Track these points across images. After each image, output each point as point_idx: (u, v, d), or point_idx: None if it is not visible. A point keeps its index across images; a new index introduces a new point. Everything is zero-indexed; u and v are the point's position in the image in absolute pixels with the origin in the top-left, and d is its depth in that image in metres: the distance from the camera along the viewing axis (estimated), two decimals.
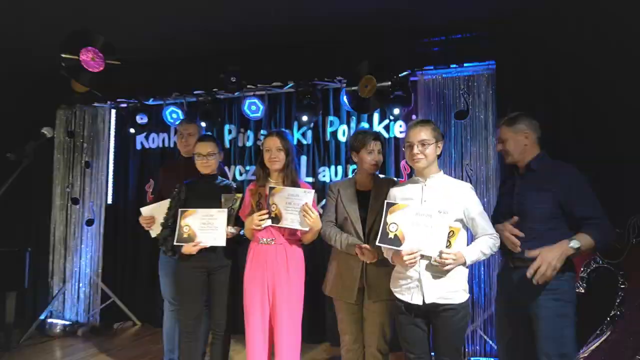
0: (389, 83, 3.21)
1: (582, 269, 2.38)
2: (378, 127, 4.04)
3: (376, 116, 4.07)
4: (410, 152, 2.07)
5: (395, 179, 2.68)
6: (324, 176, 4.20)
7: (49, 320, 4.46)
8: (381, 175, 2.57)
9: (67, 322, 4.48)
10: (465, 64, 3.46)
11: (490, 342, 3.25)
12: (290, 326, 2.41)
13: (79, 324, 4.52)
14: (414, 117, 3.77)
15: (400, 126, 3.92)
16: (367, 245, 2.26)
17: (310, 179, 4.25)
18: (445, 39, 3.49)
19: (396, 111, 3.57)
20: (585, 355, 2.30)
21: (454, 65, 3.48)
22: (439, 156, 2.67)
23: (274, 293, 2.42)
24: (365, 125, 4.10)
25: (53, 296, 4.60)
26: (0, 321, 4.17)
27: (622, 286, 2.28)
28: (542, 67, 3.19)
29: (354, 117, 4.14)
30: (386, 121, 4.00)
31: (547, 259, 1.88)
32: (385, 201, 2.09)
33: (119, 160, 4.93)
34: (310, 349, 3.89)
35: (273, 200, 2.38)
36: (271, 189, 2.40)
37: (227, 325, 2.70)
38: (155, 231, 3.04)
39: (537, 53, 3.20)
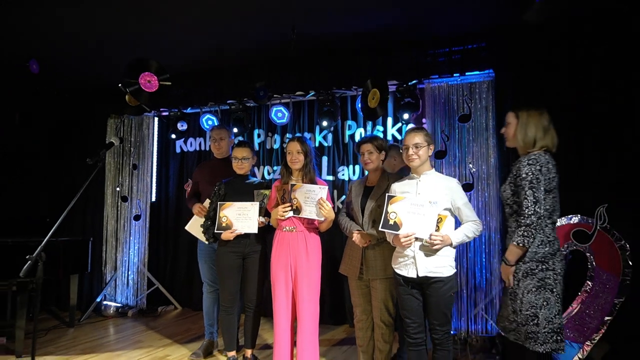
0: (388, 96, 3.72)
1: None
2: (392, 130, 4.48)
3: (390, 120, 4.51)
4: (407, 154, 2.51)
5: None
6: (343, 174, 4.67)
7: (104, 302, 5.10)
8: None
9: (119, 305, 5.11)
10: (467, 73, 3.84)
11: (491, 322, 3.64)
12: (309, 298, 2.88)
13: (129, 307, 5.14)
14: (424, 120, 4.19)
15: (422, 127, 4.33)
16: (359, 231, 2.73)
17: (330, 177, 4.72)
18: (449, 50, 3.88)
19: (405, 116, 3.98)
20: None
21: (457, 74, 3.87)
22: (441, 156, 3.15)
23: (296, 272, 2.90)
24: (380, 128, 4.55)
25: (106, 282, 5.24)
26: (65, 303, 4.86)
27: (590, 265, 2.65)
28: (535, 74, 3.53)
29: (369, 122, 4.59)
30: (399, 124, 4.43)
31: None
32: (387, 194, 2.53)
33: (161, 163, 5.54)
34: (332, 329, 4.35)
35: (294, 195, 2.86)
36: (292, 185, 2.88)
37: (257, 301, 3.20)
38: (189, 224, 3.60)
39: (531, 61, 3.55)
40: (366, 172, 2.96)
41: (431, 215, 2.39)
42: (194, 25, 3.75)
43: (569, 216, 2.79)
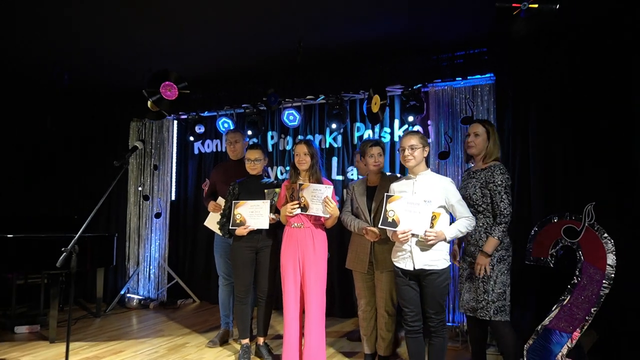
0: (388, 101, 4.01)
1: (551, 247, 2.92)
2: (398, 132, 4.67)
3: (396, 122, 4.70)
4: (403, 155, 2.71)
5: (399, 175, 3.33)
6: (352, 174, 4.88)
7: (127, 295, 5.42)
8: (388, 173, 3.23)
9: (141, 297, 5.43)
10: (469, 77, 4.01)
11: None
12: (316, 290, 3.09)
13: (151, 299, 5.46)
14: (429, 122, 4.37)
15: (418, 130, 4.52)
16: (371, 228, 2.93)
17: (340, 177, 4.94)
18: (451, 55, 4.05)
19: (410, 118, 4.18)
20: (552, 317, 2.84)
21: (459, 78, 4.04)
22: (444, 157, 3.35)
23: (304, 265, 3.13)
24: (387, 130, 4.74)
25: (129, 276, 5.57)
26: (92, 295, 5.20)
27: (579, 260, 2.80)
28: (533, 78, 3.68)
29: (377, 125, 4.79)
30: (405, 126, 4.62)
31: None
32: (385, 194, 2.73)
33: (180, 163, 5.84)
34: (341, 322, 4.57)
35: (302, 194, 3.09)
36: (300, 185, 3.11)
37: (269, 292, 3.44)
38: (207, 220, 3.87)
39: (529, 65, 3.70)
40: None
41: (426, 213, 2.58)
42: (210, 35, 4.01)
43: (561, 213, 2.95)
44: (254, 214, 3.31)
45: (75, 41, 4.14)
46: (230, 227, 3.35)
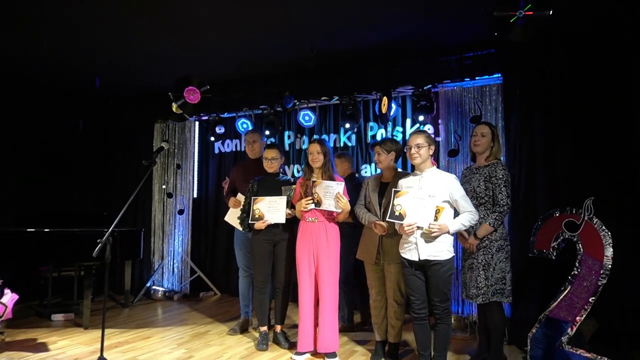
0: (400, 101, 4.21)
1: (553, 240, 3.06)
2: (410, 131, 4.84)
3: (408, 122, 4.87)
4: (410, 153, 2.90)
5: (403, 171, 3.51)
6: (365, 172, 5.07)
7: (153, 287, 5.73)
8: (401, 170, 3.42)
9: (165, 289, 5.73)
10: (477, 78, 4.15)
11: None
12: (329, 281, 3.30)
13: (174, 292, 5.75)
14: (440, 121, 4.53)
15: (429, 129, 4.68)
16: (379, 222, 3.12)
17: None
18: (460, 57, 4.19)
19: (421, 118, 4.34)
20: (553, 306, 2.98)
21: (468, 79, 4.18)
22: (454, 154, 3.55)
23: (317, 257, 3.34)
24: (399, 129, 4.92)
25: (154, 269, 5.87)
26: (120, 288, 5.53)
27: (579, 252, 2.93)
28: (539, 77, 3.80)
29: (390, 123, 4.97)
30: (417, 125, 4.78)
31: None
32: (393, 189, 2.92)
33: (202, 162, 6.12)
34: (355, 314, 4.75)
35: (315, 190, 3.30)
36: (314, 182, 3.32)
37: (286, 283, 3.66)
38: (227, 215, 4.13)
39: (535, 65, 3.82)
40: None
41: (430, 207, 2.76)
42: (229, 40, 4.25)
43: (562, 208, 3.09)
44: (272, 209, 3.53)
45: (102, 48, 4.44)
46: (249, 222, 3.59)
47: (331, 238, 3.35)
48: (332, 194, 3.24)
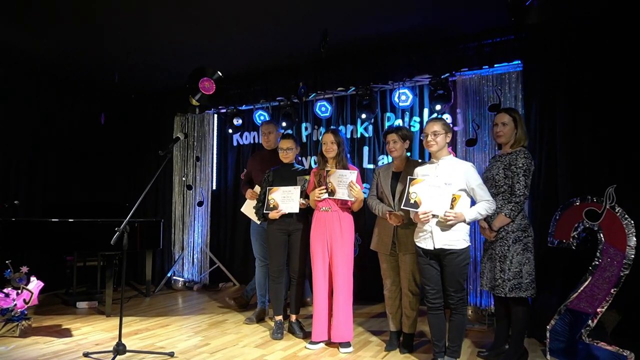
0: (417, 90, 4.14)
1: (573, 230, 2.97)
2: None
3: (426, 111, 4.80)
4: (426, 140, 2.85)
5: (420, 160, 3.46)
6: (382, 163, 5.02)
7: (173, 277, 5.84)
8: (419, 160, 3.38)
9: (185, 280, 5.83)
10: (495, 65, 4.05)
11: None
12: (343, 270, 3.29)
13: (194, 282, 5.85)
14: (458, 110, 4.45)
15: (447, 118, 4.60)
16: (394, 212, 3.09)
17: (371, 166, 5.10)
18: (478, 44, 4.10)
19: (438, 107, 4.27)
20: (573, 297, 2.90)
21: (486, 66, 4.09)
22: (472, 144, 3.50)
23: (331, 246, 3.33)
24: (416, 119, 4.85)
25: (175, 260, 5.98)
26: (142, 278, 5.65)
27: (600, 242, 2.84)
28: (560, 64, 3.68)
29: (407, 113, 4.91)
30: (434, 115, 4.70)
31: None
32: (409, 177, 2.89)
33: (220, 155, 6.18)
34: (371, 305, 4.74)
35: (329, 179, 3.29)
36: (328, 171, 3.31)
37: (301, 272, 3.67)
38: (244, 207, 4.16)
39: (556, 52, 3.71)
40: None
41: (446, 195, 2.72)
42: (245, 33, 4.28)
43: (582, 197, 2.99)
44: (286, 199, 3.54)
45: (124, 44, 4.53)
46: (264, 211, 3.61)
47: (345, 227, 3.34)
48: (346, 182, 3.23)
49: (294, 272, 3.67)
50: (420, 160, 3.50)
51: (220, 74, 3.98)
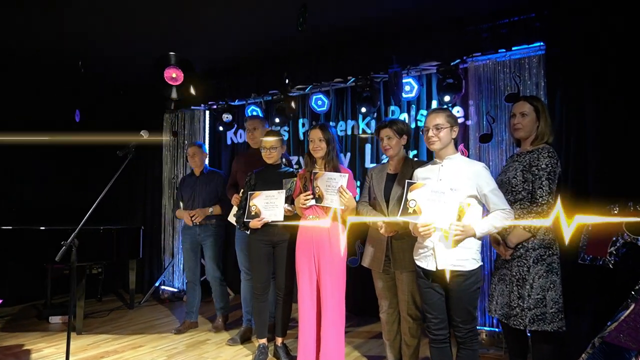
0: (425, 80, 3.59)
1: (610, 245, 2.43)
2: None
3: (434, 103, 4.26)
4: (427, 136, 2.34)
5: (425, 160, 2.93)
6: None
7: (162, 287, 5.42)
8: (416, 159, 2.85)
9: (174, 290, 5.40)
10: (513, 48, 3.50)
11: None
12: (333, 290, 2.80)
13: (184, 291, 5.40)
14: (470, 102, 3.90)
15: (458, 111, 4.06)
16: (386, 220, 2.57)
17: (374, 165, 4.58)
18: (492, 25, 3.55)
19: (447, 98, 3.74)
20: (611, 328, 2.35)
21: (503, 50, 3.54)
22: (487, 140, 2.96)
23: (319, 261, 2.84)
24: (423, 112, 4.31)
25: (164, 268, 5.56)
26: (126, 287, 5.23)
27: None
28: (592, 45, 3.12)
29: (413, 106, 4.38)
30: (444, 107, 4.16)
31: None
32: (407, 180, 2.37)
33: (214, 154, 5.71)
34: (372, 322, 4.22)
35: (316, 183, 2.80)
36: (314, 173, 2.82)
37: (287, 289, 3.20)
38: (231, 214, 3.72)
39: (586, 32, 3.14)
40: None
41: (452, 204, 2.20)
42: (234, 20, 3.82)
43: (622, 204, 2.44)
44: (269, 205, 3.08)
45: (106, 32, 4.08)
46: (244, 219, 3.14)
47: (335, 240, 2.85)
48: (335, 187, 2.73)
49: (280, 289, 3.21)
50: (424, 160, 2.98)
51: (185, 58, 3.48)
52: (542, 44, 3.39)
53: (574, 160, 3.17)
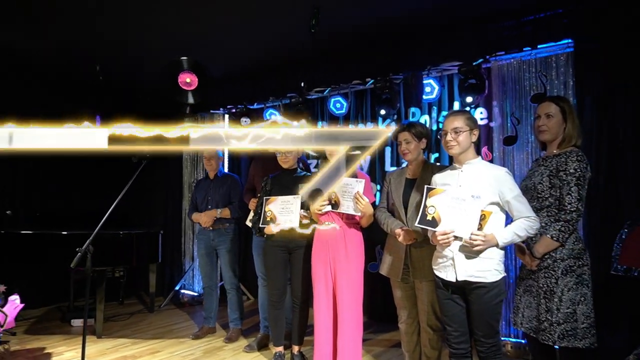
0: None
1: None
2: None
3: (456, 104, 4.12)
4: (445, 140, 2.23)
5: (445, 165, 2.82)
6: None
7: (182, 291, 5.43)
8: (438, 163, 2.74)
9: (194, 294, 5.41)
10: (539, 46, 3.34)
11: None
12: (349, 298, 2.72)
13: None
14: (494, 102, 3.75)
15: (481, 113, 3.92)
16: (405, 228, 2.47)
17: (394, 168, 4.46)
18: (517, 22, 3.40)
19: (469, 99, 3.61)
20: None
21: (528, 48, 3.38)
22: (511, 142, 2.84)
23: (335, 269, 2.77)
24: (445, 114, 4.18)
25: (185, 272, 5.58)
26: (147, 290, 5.26)
27: None
28: (626, 41, 2.95)
29: (435, 107, 4.25)
30: (467, 108, 4.02)
31: None
32: (426, 186, 2.27)
33: (233, 158, 5.71)
34: (390, 331, 4.08)
35: (333, 189, 2.72)
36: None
37: (303, 297, 3.13)
38: (249, 218, 3.68)
39: (621, 25, 2.97)
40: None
41: (473, 211, 2.09)
42: (253, 25, 3.79)
43: None
44: (285, 211, 3.01)
45: (126, 39, 4.12)
46: (260, 225, 3.09)
47: (352, 247, 2.77)
48: (351, 193, 2.65)
49: (296, 297, 3.15)
50: (445, 165, 2.85)
51: (199, 62, 3.46)
52: (570, 41, 3.23)
53: (606, 165, 3.00)
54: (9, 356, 3.33)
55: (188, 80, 3.14)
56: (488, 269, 2.10)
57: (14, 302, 3.38)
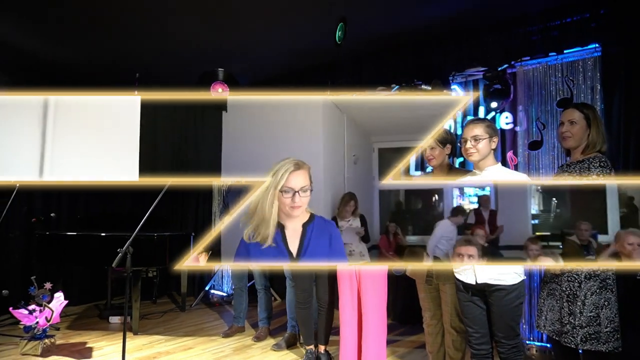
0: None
1: None
2: None
3: (481, 110, 4.14)
4: (465, 147, 2.29)
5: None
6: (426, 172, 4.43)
7: (212, 291, 5.63)
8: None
9: (224, 294, 5.59)
10: (565, 51, 3.35)
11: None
12: (374, 296, 2.79)
13: (232, 296, 5.58)
14: (519, 107, 3.77)
15: (507, 117, 3.93)
16: None
17: (418, 173, 4.52)
18: (543, 27, 3.41)
19: (494, 104, 3.64)
20: None
21: (554, 53, 3.39)
22: (536, 147, 2.87)
23: (359, 270, 2.85)
24: (470, 118, 4.21)
25: (214, 273, 5.77)
26: (179, 290, 5.48)
27: None
28: None
29: (459, 112, 4.28)
30: (492, 113, 4.04)
31: None
32: None
33: None
34: (416, 334, 4.12)
35: None
36: None
37: (329, 299, 3.22)
38: None
39: None
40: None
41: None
42: (276, 33, 3.95)
43: None
44: None
45: (160, 50, 4.36)
46: None
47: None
48: None
49: (321, 300, 3.25)
50: (470, 170, 2.91)
51: (230, 73, 3.65)
52: (597, 45, 3.22)
53: (633, 169, 2.98)
54: (55, 349, 3.56)
55: (220, 90, 3.31)
56: (507, 272, 2.15)
57: (59, 299, 3.63)
